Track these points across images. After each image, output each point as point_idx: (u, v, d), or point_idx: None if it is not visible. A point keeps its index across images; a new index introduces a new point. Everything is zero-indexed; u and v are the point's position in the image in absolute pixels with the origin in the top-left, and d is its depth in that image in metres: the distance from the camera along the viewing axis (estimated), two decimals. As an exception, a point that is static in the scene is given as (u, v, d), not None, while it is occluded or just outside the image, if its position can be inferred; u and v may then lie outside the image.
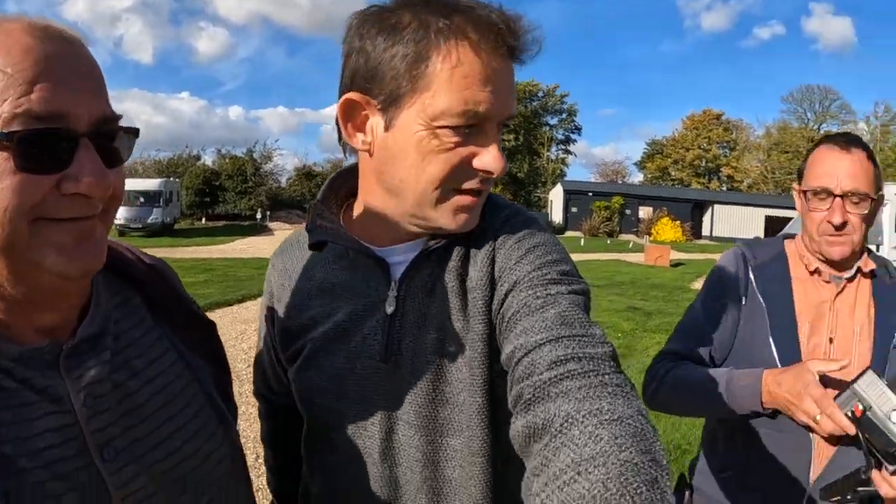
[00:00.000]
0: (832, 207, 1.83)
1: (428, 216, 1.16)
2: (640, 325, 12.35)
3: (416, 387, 1.23)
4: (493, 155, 1.11)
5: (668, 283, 20.02)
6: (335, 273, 1.30)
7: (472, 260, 1.23)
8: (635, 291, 17.59)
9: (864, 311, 1.90)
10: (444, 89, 1.05)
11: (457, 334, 1.22)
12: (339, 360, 1.26)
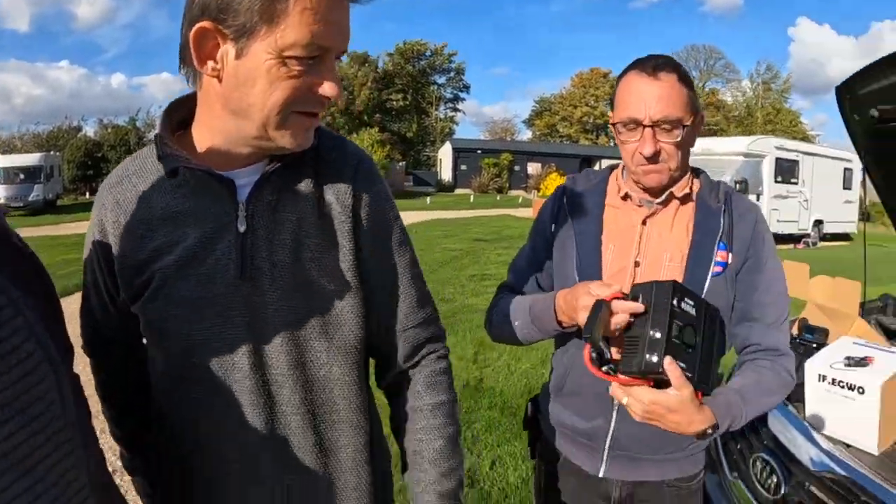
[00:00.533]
0: (642, 138, 1.77)
1: (271, 136, 1.25)
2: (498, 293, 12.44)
3: (279, 299, 1.33)
4: (331, 83, 1.24)
5: (555, 235, 20.28)
6: (178, 201, 1.33)
7: (326, 187, 1.39)
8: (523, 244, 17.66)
9: (680, 236, 1.86)
10: (295, 24, 1.15)
11: (314, 248, 1.35)
12: (191, 284, 1.31)
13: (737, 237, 1.82)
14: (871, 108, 3.20)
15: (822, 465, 2.51)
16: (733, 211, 1.86)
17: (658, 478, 1.91)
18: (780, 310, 1.84)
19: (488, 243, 17.45)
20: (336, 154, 1.43)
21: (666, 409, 1.53)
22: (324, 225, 1.37)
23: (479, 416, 5.50)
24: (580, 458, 1.99)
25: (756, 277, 1.83)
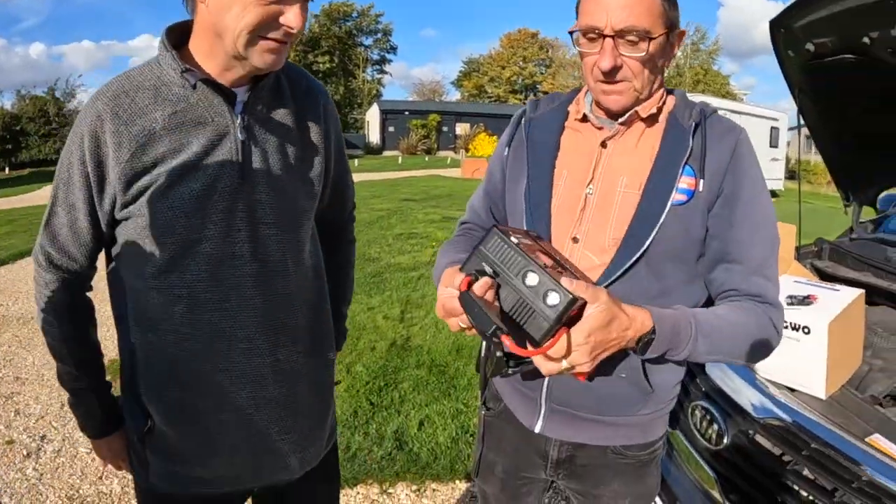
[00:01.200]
0: (602, 50, 1.50)
1: (244, 54, 1.46)
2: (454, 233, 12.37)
3: (272, 194, 1.62)
4: (295, 14, 1.44)
5: (484, 194, 20.31)
6: (182, 112, 1.53)
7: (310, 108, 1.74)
8: (451, 203, 17.72)
9: (642, 159, 1.60)
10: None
11: (294, 157, 1.68)
12: (199, 184, 1.52)
13: (710, 162, 1.55)
14: (807, 42, 3.08)
15: (766, 412, 2.38)
16: (707, 131, 1.59)
17: (601, 442, 1.73)
18: (764, 251, 1.56)
19: (416, 203, 17.32)
20: (306, 83, 1.76)
21: (601, 330, 1.28)
22: (303, 139, 1.71)
23: (407, 374, 5.37)
24: (518, 410, 1.82)
25: (734, 211, 1.55)
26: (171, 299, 1.58)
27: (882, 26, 2.57)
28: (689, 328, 1.42)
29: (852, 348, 2.69)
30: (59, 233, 1.62)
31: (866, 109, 3.37)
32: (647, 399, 1.66)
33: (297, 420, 1.78)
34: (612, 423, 1.70)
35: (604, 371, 1.61)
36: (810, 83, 3.40)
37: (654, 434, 1.77)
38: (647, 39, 1.48)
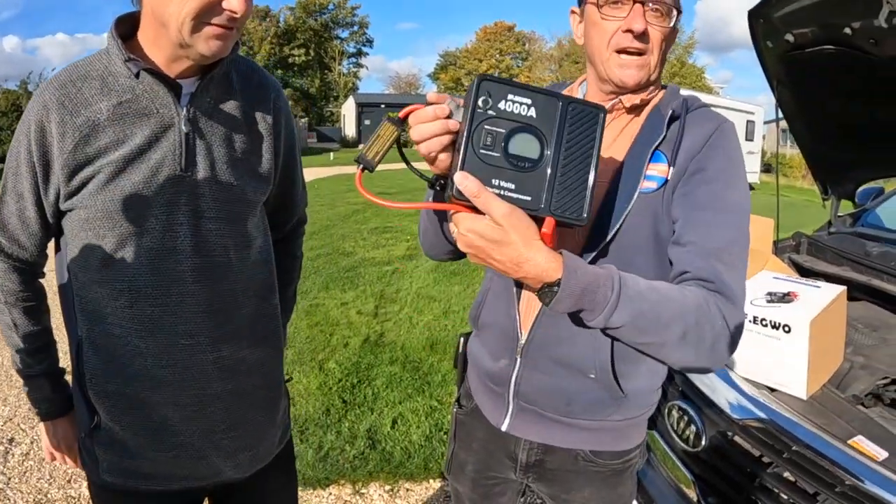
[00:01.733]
0: (631, 13, 1.43)
1: (188, 42, 1.42)
2: (429, 226, 12.39)
3: (216, 188, 1.59)
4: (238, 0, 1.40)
5: (460, 187, 20.34)
6: (128, 102, 1.50)
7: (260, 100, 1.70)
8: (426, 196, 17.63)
9: (619, 148, 1.54)
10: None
11: (241, 150, 1.65)
12: (141, 176, 1.50)
13: (683, 148, 1.46)
14: (786, 32, 3.03)
15: (745, 413, 2.32)
16: (687, 120, 1.49)
17: (569, 445, 1.65)
18: (727, 236, 1.40)
19: (392, 196, 17.15)
20: (257, 78, 1.73)
21: (483, 240, 1.19)
22: (251, 133, 1.67)
23: (380, 371, 5.29)
24: (486, 406, 1.77)
25: (698, 190, 1.43)
26: (114, 293, 1.57)
27: (865, 16, 2.52)
28: (610, 291, 1.23)
29: (834, 346, 2.64)
30: (8, 221, 1.62)
31: (846, 101, 3.34)
32: (618, 404, 1.59)
33: (245, 417, 1.75)
34: (580, 427, 1.63)
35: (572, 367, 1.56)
36: (789, 74, 3.35)
37: (628, 443, 1.69)
38: (671, 12, 1.46)
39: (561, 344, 1.55)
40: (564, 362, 1.56)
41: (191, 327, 1.60)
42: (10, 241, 1.65)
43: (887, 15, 2.38)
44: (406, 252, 10.02)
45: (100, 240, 1.54)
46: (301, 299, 7.21)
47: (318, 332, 6.22)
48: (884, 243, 3.66)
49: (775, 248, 3.90)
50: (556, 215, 1.22)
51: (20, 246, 1.66)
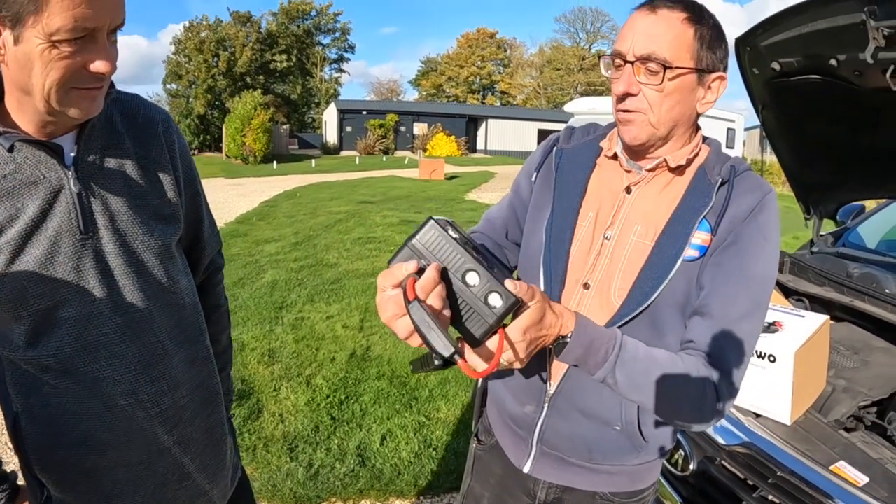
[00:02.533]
0: (621, 77, 1.49)
1: (58, 111, 1.37)
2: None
3: (120, 243, 1.53)
4: (103, 61, 1.34)
5: (443, 195, 20.49)
6: (11, 174, 1.40)
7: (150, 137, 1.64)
8: (410, 205, 17.65)
9: (662, 209, 1.56)
10: (57, 10, 1.23)
11: (141, 195, 1.58)
12: (42, 249, 1.42)
13: (727, 219, 1.49)
14: (773, 61, 3.09)
15: (732, 438, 2.38)
16: (734, 187, 1.52)
17: (589, 487, 1.71)
18: (742, 311, 1.45)
19: (374, 205, 17.25)
20: (143, 114, 1.65)
21: (536, 325, 1.26)
22: (147, 175, 1.61)
23: (368, 387, 5.30)
24: (508, 446, 1.82)
25: (729, 263, 1.48)
26: (42, 368, 1.52)
27: (851, 50, 2.59)
28: (611, 349, 1.37)
29: (817, 373, 2.70)
30: None
31: (829, 127, 3.41)
32: (638, 451, 1.64)
33: (194, 464, 1.75)
34: (601, 471, 1.69)
35: (598, 418, 1.61)
36: (774, 100, 3.42)
37: (644, 483, 1.75)
38: (665, 69, 1.45)
39: (589, 397, 1.60)
40: (591, 414, 1.61)
41: (127, 386, 1.57)
42: None
43: (873, 50, 2.45)
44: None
45: (17, 322, 1.48)
46: (286, 312, 7.23)
47: (304, 346, 6.22)
48: (864, 264, 3.75)
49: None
50: None
51: None
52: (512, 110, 63.12)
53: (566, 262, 1.62)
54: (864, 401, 2.79)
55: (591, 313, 1.54)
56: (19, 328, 1.48)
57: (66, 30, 1.25)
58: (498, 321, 1.22)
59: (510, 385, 1.78)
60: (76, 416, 1.55)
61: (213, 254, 1.98)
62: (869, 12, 2.39)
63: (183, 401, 1.69)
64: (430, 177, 27.03)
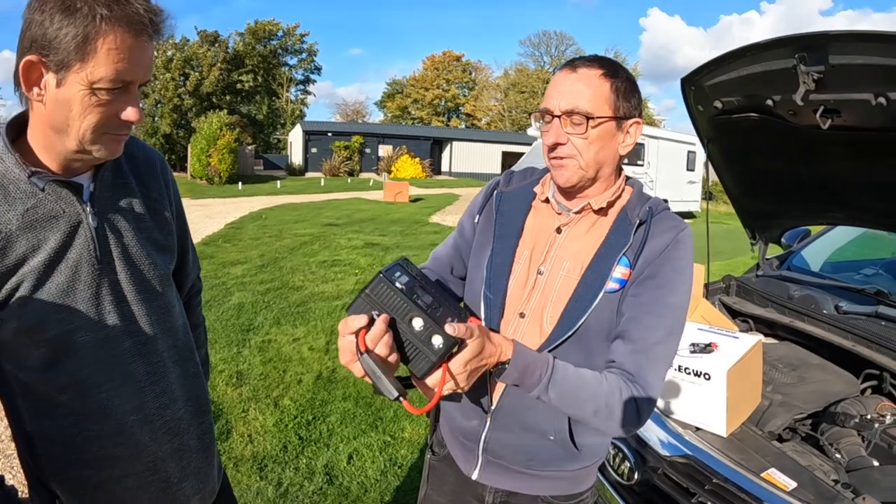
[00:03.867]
0: (550, 129, 1.71)
1: (88, 150, 1.54)
2: (377, 259, 12.51)
3: (131, 272, 1.71)
4: (133, 110, 1.53)
5: (408, 218, 20.50)
6: (34, 208, 1.55)
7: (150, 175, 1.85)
8: (374, 227, 17.73)
9: (588, 247, 1.78)
10: (103, 63, 1.42)
11: (147, 228, 1.79)
12: (63, 277, 1.58)
13: (644, 255, 1.71)
14: (715, 99, 3.31)
15: (673, 449, 2.57)
16: (651, 227, 1.74)
17: (531, 492, 1.90)
18: (658, 337, 1.66)
19: (339, 227, 17.28)
20: (141, 153, 1.87)
21: (476, 357, 1.47)
22: (150, 209, 1.81)
23: (334, 407, 5.41)
24: (458, 457, 2.00)
25: (646, 295, 1.68)
26: (59, 389, 1.64)
27: (785, 91, 2.82)
28: (544, 374, 1.58)
29: (751, 389, 2.90)
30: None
31: (768, 159, 3.62)
32: (574, 458, 1.84)
33: (190, 467, 1.90)
34: (541, 476, 1.87)
35: (535, 430, 1.81)
36: (718, 135, 3.64)
37: (582, 486, 1.94)
38: (587, 119, 1.67)
39: (525, 411, 1.80)
40: (528, 426, 1.81)
41: (135, 403, 1.72)
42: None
43: (804, 93, 2.68)
44: (355, 286, 10.06)
45: (35, 346, 1.58)
46: (254, 335, 7.31)
47: (271, 368, 6.31)
48: (805, 286, 3.98)
49: (706, 291, 4.19)
50: None
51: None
52: (476, 133, 63.25)
53: (504, 294, 1.83)
54: (800, 414, 2.99)
55: (526, 339, 1.75)
56: (37, 352, 1.58)
57: (108, 80, 1.44)
58: (439, 359, 1.45)
59: (458, 402, 1.97)
60: (91, 434, 1.67)
61: (193, 278, 2.18)
62: (799, 58, 2.62)
63: (180, 412, 1.84)
64: (394, 199, 27.10)
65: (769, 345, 3.64)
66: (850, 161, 3.18)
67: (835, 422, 2.84)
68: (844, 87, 2.62)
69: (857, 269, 4.50)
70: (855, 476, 2.48)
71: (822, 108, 2.81)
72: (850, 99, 2.65)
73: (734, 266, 10.18)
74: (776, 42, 2.70)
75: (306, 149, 51.48)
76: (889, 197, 3.29)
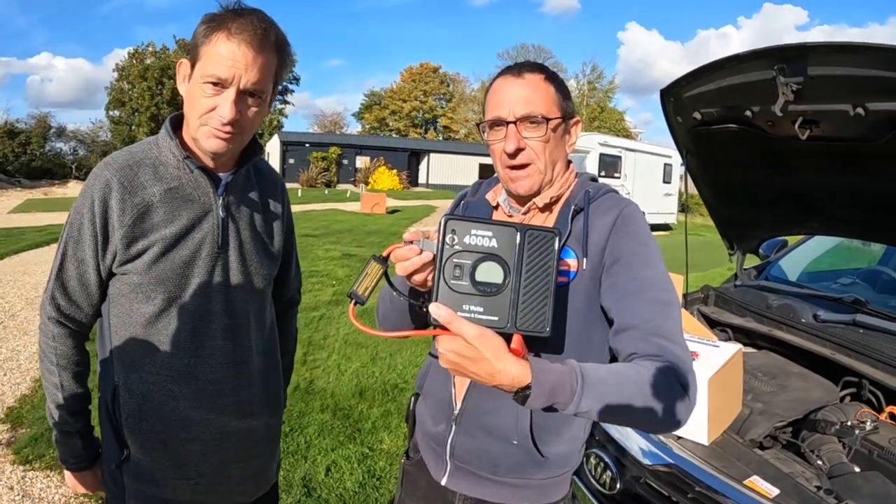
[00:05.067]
0: (507, 135, 1.73)
1: (197, 138, 1.81)
2: (355, 270, 12.50)
3: (242, 262, 1.96)
4: (224, 106, 1.72)
5: (385, 229, 20.55)
6: (175, 189, 1.85)
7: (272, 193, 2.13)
8: (352, 239, 17.75)
9: None
10: (205, 61, 1.72)
11: (261, 230, 2.04)
12: (188, 251, 1.85)
13: (591, 241, 1.69)
14: (694, 111, 3.33)
15: (655, 458, 2.56)
16: (591, 213, 1.73)
17: (498, 500, 1.86)
18: (655, 313, 1.61)
19: (316, 238, 17.26)
20: (270, 174, 2.16)
21: (460, 357, 1.36)
22: (266, 218, 2.07)
23: (312, 419, 5.39)
24: (429, 462, 1.99)
25: (620, 279, 1.66)
26: (155, 345, 1.86)
27: (764, 102, 2.84)
28: (575, 384, 1.41)
29: (732, 398, 2.92)
30: (68, 285, 1.87)
31: (746, 170, 3.65)
32: (539, 465, 1.80)
33: (252, 451, 2.07)
34: (508, 483, 1.83)
35: (498, 434, 1.78)
36: (697, 146, 3.66)
37: (551, 497, 1.88)
38: (546, 121, 1.72)
39: (488, 414, 1.79)
40: (491, 430, 1.78)
41: (217, 375, 1.93)
42: (69, 304, 1.89)
43: (782, 104, 2.70)
44: (332, 297, 10.08)
45: (149, 302, 1.85)
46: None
47: (249, 378, 6.20)
48: (783, 296, 4.00)
49: (685, 302, 4.21)
50: (522, 331, 1.40)
51: (78, 307, 1.91)
52: (453, 145, 63.43)
53: None
54: (780, 422, 3.00)
55: None
56: (150, 308, 1.85)
57: (206, 75, 1.71)
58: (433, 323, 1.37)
59: (428, 407, 1.98)
60: (171, 394, 1.89)
61: (294, 291, 2.43)
62: (779, 70, 2.65)
63: (255, 397, 2.04)
64: (371, 210, 27.12)
65: (748, 354, 3.65)
66: (828, 171, 3.21)
67: (815, 429, 2.86)
68: (823, 98, 2.65)
69: (835, 279, 4.55)
70: (837, 482, 2.49)
71: (801, 119, 2.84)
72: (829, 110, 2.68)
73: (711, 277, 10.22)
74: (756, 53, 2.73)
75: (284, 159, 51.40)
76: (866, 207, 3.33)
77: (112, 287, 1.89)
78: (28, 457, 4.52)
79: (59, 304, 1.89)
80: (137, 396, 1.88)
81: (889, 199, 3.12)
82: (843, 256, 5.21)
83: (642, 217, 1.77)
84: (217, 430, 1.96)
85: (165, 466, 1.92)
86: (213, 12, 1.76)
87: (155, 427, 1.90)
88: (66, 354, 1.94)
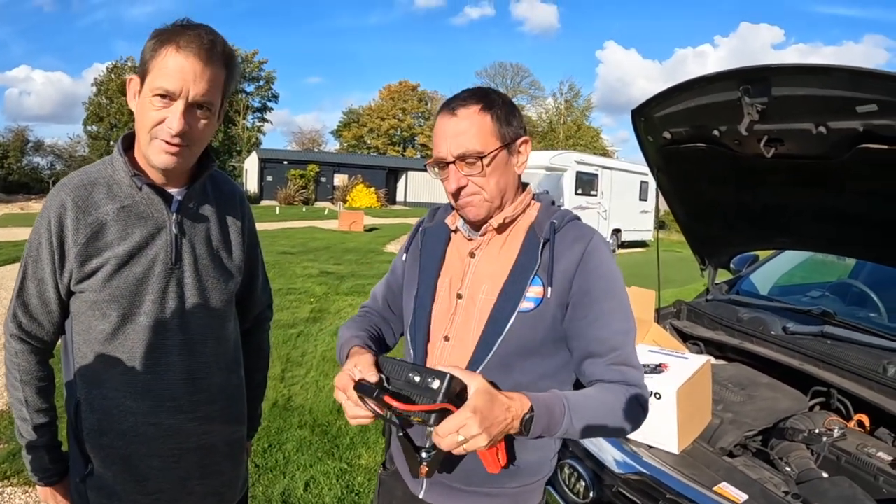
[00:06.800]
0: (447, 175, 1.79)
1: (147, 154, 1.81)
2: (333, 288, 12.53)
3: (197, 278, 1.96)
4: (173, 119, 1.73)
5: (363, 247, 20.50)
6: (129, 207, 1.86)
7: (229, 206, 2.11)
8: (329, 256, 17.73)
9: (502, 268, 1.84)
10: (154, 74, 1.73)
11: (217, 246, 2.03)
12: (141, 268, 1.86)
13: (558, 271, 1.76)
14: (664, 130, 3.42)
15: (627, 467, 2.63)
16: (557, 244, 1.79)
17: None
18: (619, 342, 1.74)
19: (294, 256, 17.23)
20: (227, 186, 2.14)
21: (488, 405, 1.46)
22: (223, 234, 2.06)
23: (290, 435, 5.38)
24: (406, 475, 2.01)
25: (588, 311, 1.75)
26: (113, 362, 1.87)
27: (730, 122, 2.94)
28: (562, 406, 1.58)
29: (701, 408, 2.99)
30: (29, 303, 1.90)
31: (715, 187, 3.75)
32: (512, 475, 1.84)
33: (214, 468, 2.07)
34: (482, 493, 1.88)
35: None
36: (667, 164, 3.75)
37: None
38: (481, 158, 1.74)
39: None
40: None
41: (174, 392, 1.92)
42: (31, 321, 1.91)
43: (748, 124, 2.79)
44: (310, 315, 10.06)
45: (105, 319, 1.85)
46: (209, 362, 7.21)
47: (227, 395, 6.19)
48: (754, 309, 4.10)
49: (658, 316, 4.28)
50: None
51: (40, 325, 1.92)
52: (432, 162, 63.49)
53: (429, 321, 1.91)
54: (750, 431, 3.08)
55: (451, 360, 1.81)
56: (103, 325, 1.86)
57: (154, 88, 1.71)
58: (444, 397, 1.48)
59: None
60: (129, 410, 1.90)
61: (262, 307, 2.40)
62: (744, 90, 2.74)
63: (215, 414, 2.04)
64: (349, 228, 27.10)
65: (719, 366, 3.74)
66: (794, 188, 3.31)
67: (784, 437, 2.94)
68: (787, 118, 2.75)
69: (804, 292, 4.64)
70: (805, 487, 2.56)
71: (766, 138, 2.94)
72: (793, 129, 2.78)
73: (686, 293, 10.33)
74: (722, 75, 2.83)
75: (262, 176, 51.30)
76: (831, 221, 3.43)
77: (72, 305, 1.91)
78: (6, 472, 4.49)
79: (21, 321, 1.91)
80: (98, 412, 1.91)
81: (852, 213, 3.22)
82: (816, 270, 5.31)
83: (607, 247, 1.84)
84: (176, 447, 1.97)
85: (126, 481, 1.94)
86: (161, 28, 1.78)
87: (115, 442, 1.91)
88: (28, 370, 1.96)
